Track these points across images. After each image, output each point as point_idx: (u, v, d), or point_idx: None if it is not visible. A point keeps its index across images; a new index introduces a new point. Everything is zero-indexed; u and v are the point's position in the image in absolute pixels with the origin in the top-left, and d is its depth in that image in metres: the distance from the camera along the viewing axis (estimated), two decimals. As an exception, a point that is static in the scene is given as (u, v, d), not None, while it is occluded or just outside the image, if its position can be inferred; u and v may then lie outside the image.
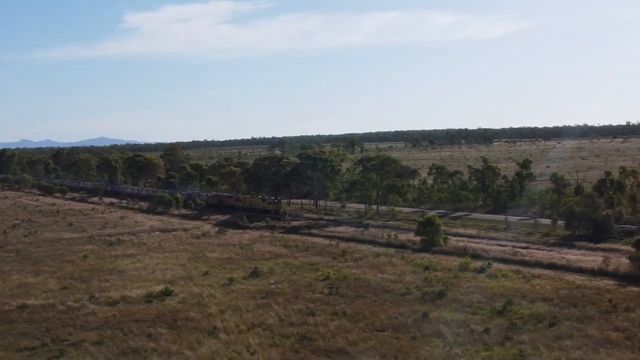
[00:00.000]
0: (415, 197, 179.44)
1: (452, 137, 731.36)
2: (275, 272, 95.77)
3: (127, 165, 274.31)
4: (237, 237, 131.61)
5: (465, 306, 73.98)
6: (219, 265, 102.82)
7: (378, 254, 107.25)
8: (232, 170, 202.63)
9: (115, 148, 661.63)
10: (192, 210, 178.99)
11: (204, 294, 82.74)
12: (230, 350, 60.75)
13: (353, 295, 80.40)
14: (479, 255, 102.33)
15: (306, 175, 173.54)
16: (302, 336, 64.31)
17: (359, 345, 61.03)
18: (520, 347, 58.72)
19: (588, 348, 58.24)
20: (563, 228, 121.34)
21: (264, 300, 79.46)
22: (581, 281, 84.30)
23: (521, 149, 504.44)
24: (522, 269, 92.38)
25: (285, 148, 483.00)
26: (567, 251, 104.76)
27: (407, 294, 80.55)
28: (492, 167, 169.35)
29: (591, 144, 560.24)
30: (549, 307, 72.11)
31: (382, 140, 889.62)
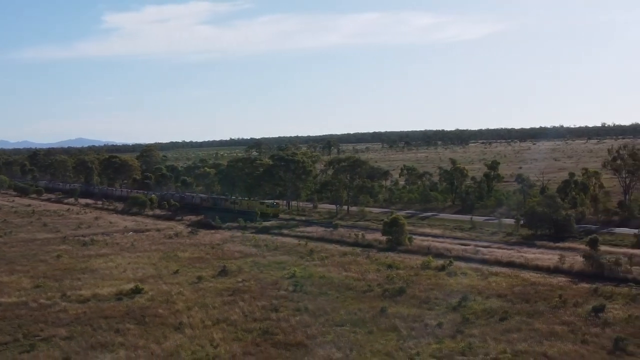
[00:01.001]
0: (386, 197, 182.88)
1: (429, 138, 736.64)
2: (243, 271, 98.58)
3: (103, 166, 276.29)
4: (208, 237, 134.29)
5: (423, 302, 77.21)
6: (189, 264, 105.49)
7: (344, 253, 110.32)
8: (206, 171, 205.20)
9: (93, 149, 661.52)
10: (166, 211, 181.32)
11: (173, 292, 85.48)
12: (194, 344, 63.58)
13: (316, 293, 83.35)
14: (442, 254, 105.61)
15: (279, 177, 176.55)
16: (264, 331, 67.24)
17: (318, 339, 64.01)
18: (469, 340, 61.91)
19: (533, 340, 61.55)
20: (526, 228, 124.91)
21: (230, 297, 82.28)
22: (536, 278, 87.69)
23: (496, 150, 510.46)
24: (481, 267, 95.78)
25: (262, 149, 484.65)
26: (526, 250, 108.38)
27: (368, 291, 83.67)
28: (459, 168, 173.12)
29: (565, 145, 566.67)
30: (502, 303, 75.46)
31: (360, 141, 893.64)
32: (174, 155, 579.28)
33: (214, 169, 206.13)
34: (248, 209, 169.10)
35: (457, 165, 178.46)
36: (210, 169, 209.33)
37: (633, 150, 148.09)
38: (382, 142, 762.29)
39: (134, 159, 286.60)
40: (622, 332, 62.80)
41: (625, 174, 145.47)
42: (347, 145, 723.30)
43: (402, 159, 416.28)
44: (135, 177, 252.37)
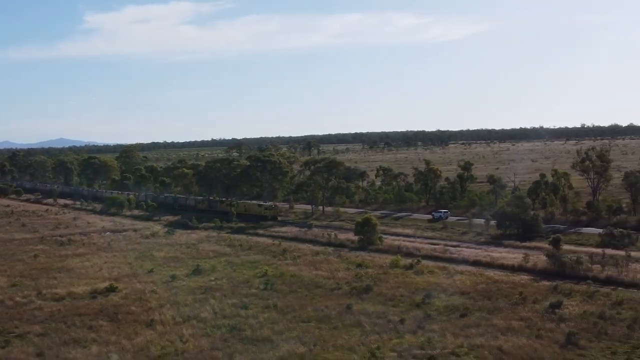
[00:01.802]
0: (362, 198, 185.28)
1: (409, 139, 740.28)
2: (216, 270, 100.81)
3: (83, 167, 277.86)
4: (184, 237, 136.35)
5: (388, 299, 79.77)
6: (164, 263, 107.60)
7: (317, 253, 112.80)
8: (184, 172, 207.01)
9: (73, 149, 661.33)
10: (144, 211, 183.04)
11: (146, 290, 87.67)
12: (164, 339, 65.85)
13: (286, 291, 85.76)
14: (412, 253, 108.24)
15: (255, 177, 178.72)
16: (232, 327, 69.54)
17: (284, 335, 66.41)
18: (429, 335, 64.48)
19: (490, 335, 64.20)
20: (496, 228, 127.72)
21: (202, 295, 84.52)
22: (499, 277, 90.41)
23: (475, 151, 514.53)
24: (448, 265, 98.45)
25: (243, 150, 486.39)
26: (494, 249, 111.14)
27: (337, 289, 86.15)
28: (433, 169, 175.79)
29: (544, 146, 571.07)
30: (464, 300, 78.13)
31: (342, 142, 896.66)
32: (154, 156, 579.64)
33: (192, 170, 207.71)
34: (245, 211, 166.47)
35: (431, 166, 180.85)
36: (189, 169, 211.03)
37: (601, 152, 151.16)
38: (363, 142, 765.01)
39: (113, 160, 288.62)
40: (576, 327, 65.52)
41: (594, 175, 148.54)
42: (328, 145, 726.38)
43: (382, 159, 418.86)
44: (114, 178, 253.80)
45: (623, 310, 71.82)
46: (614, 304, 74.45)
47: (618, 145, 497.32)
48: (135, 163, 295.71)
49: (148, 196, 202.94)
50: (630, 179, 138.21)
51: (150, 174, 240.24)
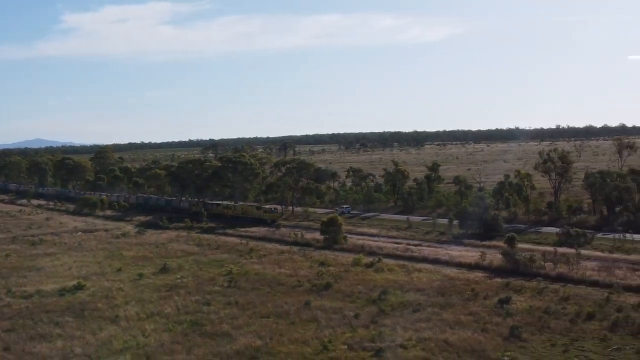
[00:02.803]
0: (332, 198, 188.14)
1: (385, 140, 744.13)
2: (183, 268, 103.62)
3: (57, 167, 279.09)
4: (155, 236, 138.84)
5: (346, 296, 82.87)
6: (132, 262, 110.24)
7: (282, 252, 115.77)
8: (157, 172, 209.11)
9: (50, 150, 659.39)
10: (116, 212, 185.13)
11: (113, 288, 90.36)
12: (127, 334, 68.72)
13: (249, 288, 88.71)
14: (374, 252, 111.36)
15: (227, 178, 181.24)
16: (194, 322, 72.62)
17: (242, 329, 69.46)
18: (381, 329, 67.67)
19: (438, 329, 67.49)
20: (458, 227, 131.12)
21: (167, 292, 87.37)
22: (456, 274, 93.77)
23: (449, 152, 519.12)
24: (408, 263, 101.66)
25: (219, 150, 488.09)
26: (454, 248, 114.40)
27: (298, 286, 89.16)
28: (401, 170, 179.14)
29: (518, 147, 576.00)
30: (418, 296, 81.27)
31: (319, 142, 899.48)
32: (131, 157, 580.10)
33: (164, 171, 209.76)
34: (243, 214, 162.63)
35: (399, 167, 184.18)
36: (161, 170, 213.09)
37: (562, 153, 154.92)
38: (339, 143, 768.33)
39: (87, 161, 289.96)
40: (521, 322, 69.04)
41: (555, 175, 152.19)
42: (305, 146, 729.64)
43: (357, 160, 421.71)
44: (88, 179, 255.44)
45: (568, 306, 75.25)
46: (561, 300, 77.92)
47: (591, 146, 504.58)
48: (109, 164, 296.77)
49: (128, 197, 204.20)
50: (590, 180, 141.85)
51: (124, 175, 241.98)
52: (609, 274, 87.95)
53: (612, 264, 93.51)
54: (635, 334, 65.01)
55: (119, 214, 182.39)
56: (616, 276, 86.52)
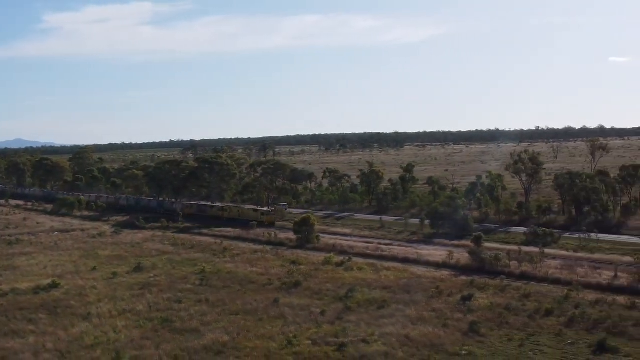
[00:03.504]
0: (308, 199, 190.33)
1: (365, 141, 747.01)
2: (157, 267, 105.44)
3: (35, 168, 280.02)
4: (130, 236, 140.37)
5: (315, 294, 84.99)
6: (107, 261, 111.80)
7: (255, 251, 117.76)
8: (135, 173, 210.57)
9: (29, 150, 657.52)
10: (94, 212, 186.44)
11: (87, 286, 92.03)
12: (98, 331, 70.62)
13: (220, 286, 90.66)
14: (346, 251, 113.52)
15: (203, 178, 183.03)
16: (164, 319, 74.44)
17: (211, 326, 71.43)
18: (345, 325, 69.87)
19: (401, 325, 69.74)
20: (430, 227, 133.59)
21: (140, 290, 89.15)
22: (423, 272, 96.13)
23: (429, 153, 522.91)
24: (377, 262, 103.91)
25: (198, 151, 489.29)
26: (424, 247, 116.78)
27: (268, 284, 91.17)
28: (376, 171, 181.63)
29: (497, 148, 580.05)
30: (384, 294, 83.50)
31: (300, 143, 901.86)
32: (111, 157, 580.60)
33: (142, 171, 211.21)
34: (239, 216, 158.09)
35: (373, 168, 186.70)
36: (139, 171, 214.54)
37: (533, 155, 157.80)
38: (320, 144, 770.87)
39: (65, 161, 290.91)
40: (481, 318, 71.44)
41: (526, 176, 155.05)
42: (285, 147, 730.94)
43: (336, 161, 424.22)
44: (66, 179, 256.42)
45: (528, 302, 77.76)
46: (522, 297, 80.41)
47: (568, 147, 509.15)
48: (88, 164, 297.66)
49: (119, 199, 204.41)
50: (560, 181, 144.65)
51: (102, 176, 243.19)
52: (571, 272, 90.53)
53: (575, 263, 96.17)
54: (590, 329, 67.43)
55: (96, 214, 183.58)
56: (577, 274, 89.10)
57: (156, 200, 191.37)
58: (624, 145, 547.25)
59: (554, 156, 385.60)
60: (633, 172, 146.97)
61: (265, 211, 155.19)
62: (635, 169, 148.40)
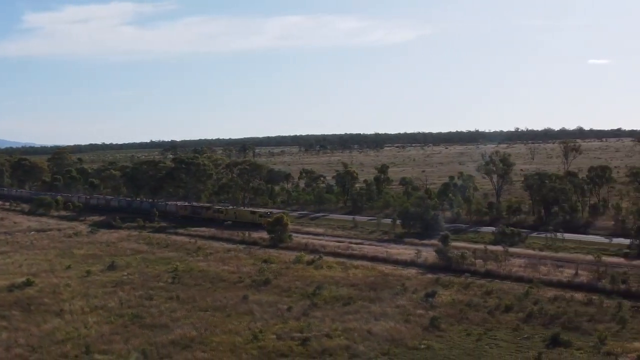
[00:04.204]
0: (284, 199, 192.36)
1: (345, 142, 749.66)
2: (131, 266, 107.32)
3: (14, 168, 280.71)
4: (106, 236, 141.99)
5: (284, 291, 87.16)
6: (82, 260, 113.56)
7: (229, 250, 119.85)
8: (112, 173, 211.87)
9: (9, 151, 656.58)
10: (71, 212, 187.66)
11: (61, 284, 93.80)
12: (70, 326, 72.67)
13: (192, 284, 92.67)
14: (317, 250, 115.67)
15: (180, 179, 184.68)
16: (135, 315, 76.55)
17: (180, 322, 73.53)
18: (310, 321, 72.16)
19: (364, 320, 72.08)
20: (401, 227, 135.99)
21: (112, 288, 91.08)
22: (390, 270, 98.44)
23: (408, 154, 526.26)
24: (347, 261, 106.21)
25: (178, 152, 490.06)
26: (394, 246, 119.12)
27: (239, 282, 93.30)
28: (350, 171, 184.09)
29: (476, 149, 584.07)
30: (351, 291, 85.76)
31: (281, 144, 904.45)
32: (91, 158, 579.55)
33: (119, 172, 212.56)
34: (236, 218, 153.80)
35: (348, 169, 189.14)
36: (116, 171, 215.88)
37: (504, 156, 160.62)
38: (300, 145, 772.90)
39: (43, 162, 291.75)
40: (442, 313, 73.89)
41: (497, 177, 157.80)
42: (265, 148, 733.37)
43: (316, 162, 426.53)
44: (44, 179, 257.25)
45: (490, 299, 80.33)
46: (484, 294, 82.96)
47: (546, 149, 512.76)
48: (66, 165, 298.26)
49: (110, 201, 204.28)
50: (529, 181, 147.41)
51: (81, 176, 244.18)
52: (534, 270, 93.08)
53: (538, 261, 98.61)
54: (547, 324, 69.94)
55: (73, 214, 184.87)
56: (540, 272, 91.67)
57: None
58: (601, 146, 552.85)
59: (530, 157, 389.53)
60: (601, 173, 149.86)
61: (264, 213, 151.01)
62: (603, 170, 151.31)
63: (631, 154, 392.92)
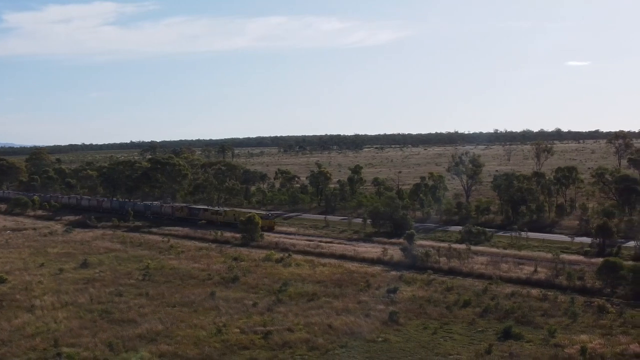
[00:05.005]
0: (259, 199, 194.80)
1: (324, 143, 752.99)
2: (103, 263, 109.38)
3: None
4: (81, 235, 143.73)
5: (251, 288, 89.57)
6: (56, 258, 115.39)
7: (201, 249, 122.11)
8: (89, 173, 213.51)
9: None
10: (47, 212, 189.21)
11: (34, 281, 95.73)
12: (40, 321, 74.72)
13: (162, 281, 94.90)
14: (287, 248, 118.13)
15: (156, 179, 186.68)
16: (104, 311, 78.77)
17: (147, 317, 75.76)
18: (274, 316, 74.74)
19: (326, 315, 74.58)
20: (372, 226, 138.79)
21: (84, 285, 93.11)
22: (356, 268, 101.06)
23: (386, 155, 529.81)
24: (316, 259, 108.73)
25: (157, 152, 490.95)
26: (362, 245, 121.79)
27: (208, 279, 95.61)
28: (323, 172, 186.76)
29: (455, 150, 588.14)
30: (317, 287, 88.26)
31: (261, 145, 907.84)
32: (70, 158, 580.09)
33: (96, 172, 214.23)
34: (235, 220, 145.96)
35: (321, 169, 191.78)
36: (93, 171, 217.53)
37: (473, 157, 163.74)
38: (280, 146, 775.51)
39: (21, 162, 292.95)
40: (402, 309, 76.55)
41: (466, 178, 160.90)
42: (245, 149, 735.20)
43: (294, 163, 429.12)
44: (21, 180, 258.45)
45: (450, 295, 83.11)
46: (444, 290, 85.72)
47: (523, 150, 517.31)
48: (44, 165, 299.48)
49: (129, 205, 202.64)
50: (497, 182, 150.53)
51: (58, 176, 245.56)
52: (495, 267, 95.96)
53: (500, 259, 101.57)
54: (501, 318, 72.65)
55: (49, 214, 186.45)
56: (501, 269, 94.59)
57: (168, 206, 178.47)
58: (577, 148, 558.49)
59: (507, 159, 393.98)
60: (567, 174, 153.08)
61: (265, 215, 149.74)
62: (569, 170, 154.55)
63: (606, 155, 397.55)
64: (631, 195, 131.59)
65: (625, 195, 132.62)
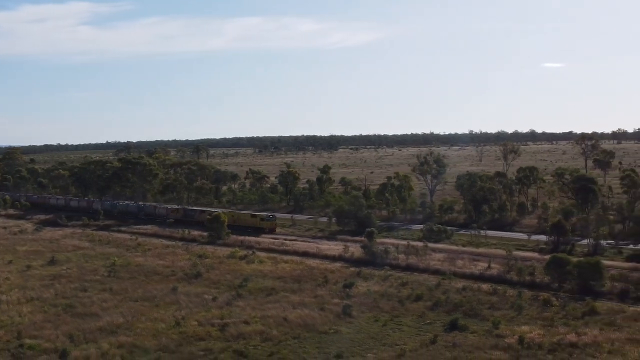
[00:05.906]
0: (230, 199, 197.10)
1: (300, 144, 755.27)
2: (71, 261, 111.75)
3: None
4: (51, 233, 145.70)
5: (213, 283, 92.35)
6: (24, 256, 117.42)
7: (167, 246, 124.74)
8: (61, 173, 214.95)
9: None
10: (18, 211, 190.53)
11: (0, 278, 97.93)
12: (5, 315, 77.29)
13: (127, 277, 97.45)
14: (252, 246, 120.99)
15: (126, 179, 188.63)
16: (67, 305, 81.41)
17: (109, 311, 78.48)
18: (231, 309, 77.77)
19: (282, 309, 77.69)
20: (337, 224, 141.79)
21: (50, 281, 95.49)
22: (317, 264, 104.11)
23: (360, 156, 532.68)
24: (279, 256, 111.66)
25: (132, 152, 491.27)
26: (326, 242, 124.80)
27: (172, 275, 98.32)
28: (292, 172, 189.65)
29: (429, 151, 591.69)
30: (276, 283, 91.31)
31: (237, 145, 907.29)
32: (44, 159, 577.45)
33: (68, 172, 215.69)
34: (234, 222, 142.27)
35: (290, 169, 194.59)
36: (65, 171, 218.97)
37: (438, 157, 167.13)
38: (255, 147, 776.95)
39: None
40: (356, 302, 79.65)
41: (431, 178, 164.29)
42: (220, 149, 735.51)
43: (269, 163, 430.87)
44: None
45: (404, 290, 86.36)
46: (399, 285, 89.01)
47: (496, 151, 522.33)
48: (17, 165, 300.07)
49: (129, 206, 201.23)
50: (460, 181, 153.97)
51: (31, 176, 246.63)
52: (451, 263, 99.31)
53: (457, 256, 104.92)
54: (450, 311, 76.04)
55: (20, 213, 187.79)
56: (455, 265, 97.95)
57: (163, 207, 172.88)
58: (550, 149, 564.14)
59: (478, 159, 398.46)
60: (529, 174, 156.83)
61: (265, 216, 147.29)
62: (531, 170, 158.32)
63: (577, 156, 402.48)
64: (588, 194, 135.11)
65: (582, 194, 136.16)
